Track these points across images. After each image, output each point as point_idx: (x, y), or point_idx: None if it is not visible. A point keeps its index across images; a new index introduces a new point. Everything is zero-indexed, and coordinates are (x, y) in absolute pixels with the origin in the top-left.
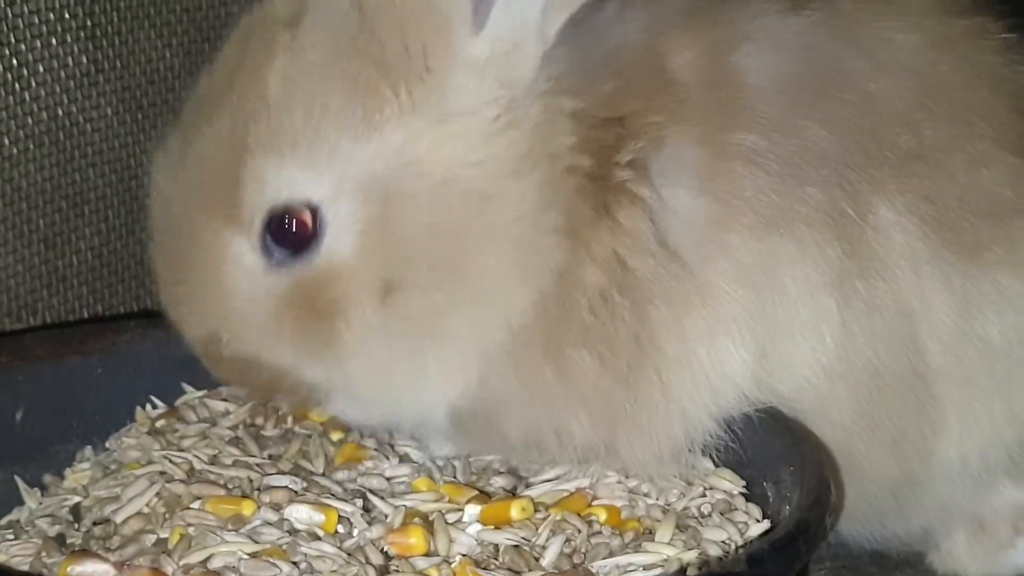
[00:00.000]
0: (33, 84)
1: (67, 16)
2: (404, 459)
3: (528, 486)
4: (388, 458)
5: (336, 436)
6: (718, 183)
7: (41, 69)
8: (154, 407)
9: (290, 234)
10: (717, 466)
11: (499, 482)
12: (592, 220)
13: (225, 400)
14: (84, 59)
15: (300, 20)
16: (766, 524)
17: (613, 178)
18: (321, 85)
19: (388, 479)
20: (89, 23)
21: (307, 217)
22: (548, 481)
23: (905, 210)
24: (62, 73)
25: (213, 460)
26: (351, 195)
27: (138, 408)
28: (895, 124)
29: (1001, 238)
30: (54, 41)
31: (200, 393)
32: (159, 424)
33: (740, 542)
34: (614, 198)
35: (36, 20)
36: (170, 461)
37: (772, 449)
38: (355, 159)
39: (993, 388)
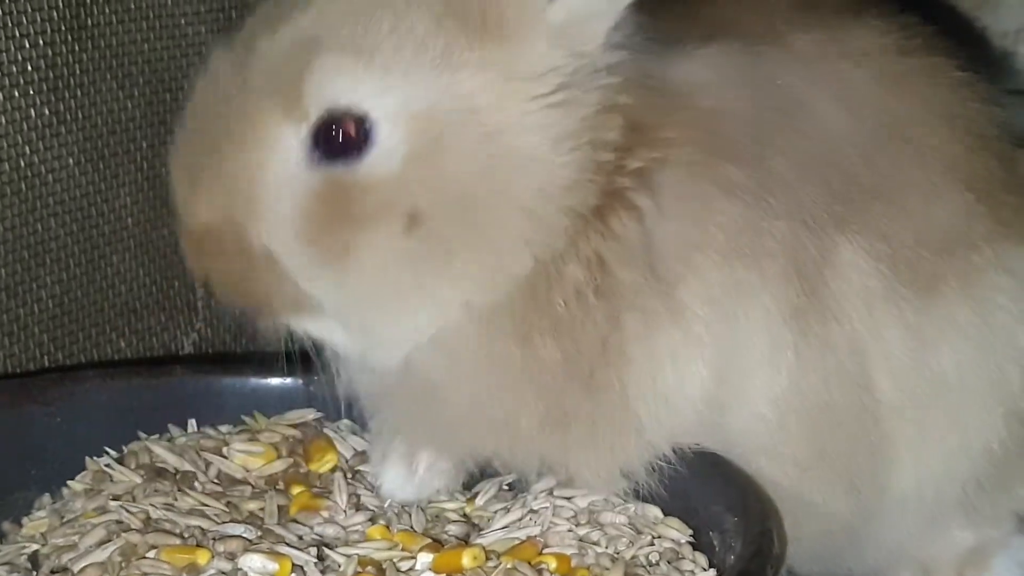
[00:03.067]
0: None
1: (29, 68)
2: (360, 507)
3: (481, 534)
4: (344, 508)
5: (296, 489)
6: (698, 207)
7: (3, 120)
8: (110, 455)
9: (336, 141)
10: (666, 515)
11: (453, 530)
12: (586, 218)
13: (170, 442)
14: (46, 110)
15: None
16: (712, 573)
17: (614, 184)
18: (409, 11)
19: (344, 527)
20: (51, 75)
21: (356, 128)
22: (500, 529)
23: (863, 248)
24: (24, 124)
25: (169, 508)
26: (409, 120)
27: (94, 457)
28: (855, 160)
29: (956, 271)
30: (16, 93)
31: (155, 437)
32: (115, 472)
33: None
34: (608, 203)
35: None
36: (126, 510)
37: (718, 499)
38: (425, 87)
39: (947, 422)
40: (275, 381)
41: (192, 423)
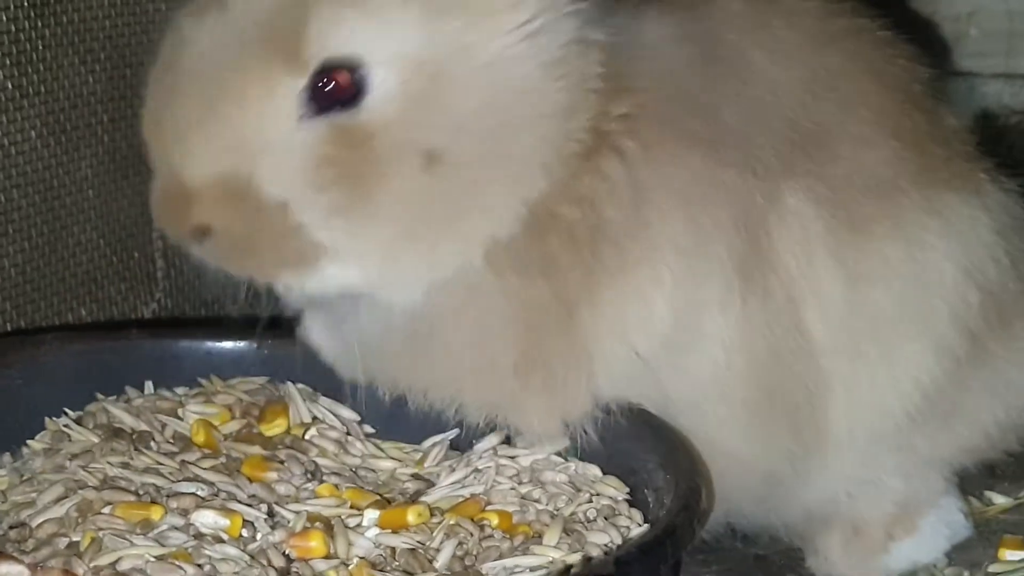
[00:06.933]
0: None
1: None
2: (312, 468)
3: (426, 492)
4: (295, 468)
5: (249, 449)
6: (665, 157)
7: None
8: (69, 416)
9: (331, 90)
10: (605, 474)
11: (409, 487)
12: (579, 157)
13: (127, 404)
14: (9, 84)
15: None
16: (647, 528)
17: (602, 127)
18: None
19: (295, 487)
20: (15, 50)
21: (350, 76)
22: (445, 487)
23: (806, 191)
24: None
25: (125, 467)
26: (403, 63)
27: (53, 417)
28: (795, 108)
29: (887, 213)
30: None
31: (112, 399)
32: (73, 432)
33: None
34: (597, 145)
35: None
36: (83, 469)
37: (652, 458)
38: (416, 31)
39: (878, 358)
40: (229, 344)
41: (149, 385)
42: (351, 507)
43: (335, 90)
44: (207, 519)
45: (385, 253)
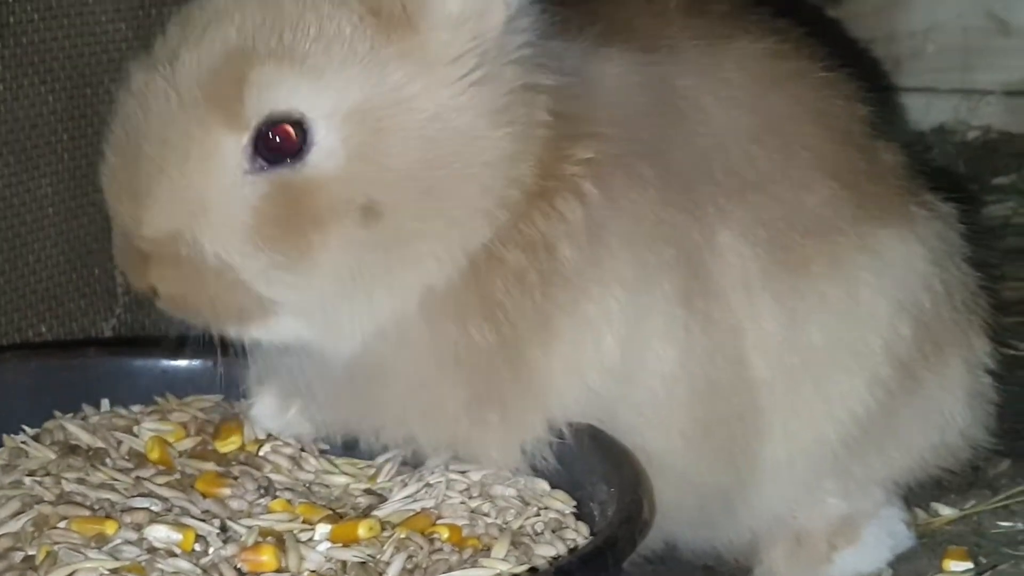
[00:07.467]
0: None
1: None
2: (265, 484)
3: (379, 507)
4: (249, 484)
5: (203, 466)
6: (615, 197)
7: None
8: (27, 433)
9: (275, 146)
10: (553, 488)
11: (361, 501)
12: (528, 199)
13: (84, 421)
14: None
15: None
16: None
17: (563, 170)
18: (334, 13)
19: (248, 502)
20: None
21: (294, 131)
22: (397, 501)
23: (741, 235)
24: None
25: (81, 483)
26: (345, 118)
27: (11, 434)
28: (738, 155)
29: (824, 252)
30: None
31: (69, 416)
32: (31, 449)
33: None
34: (556, 187)
35: None
36: (40, 484)
37: (596, 471)
38: (357, 85)
39: (814, 392)
40: (184, 362)
41: (105, 403)
42: (303, 522)
43: (282, 143)
44: (160, 534)
45: (325, 306)
